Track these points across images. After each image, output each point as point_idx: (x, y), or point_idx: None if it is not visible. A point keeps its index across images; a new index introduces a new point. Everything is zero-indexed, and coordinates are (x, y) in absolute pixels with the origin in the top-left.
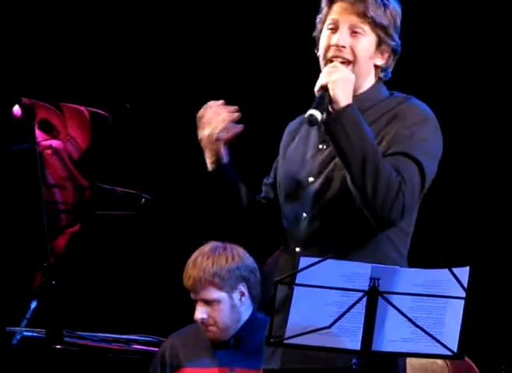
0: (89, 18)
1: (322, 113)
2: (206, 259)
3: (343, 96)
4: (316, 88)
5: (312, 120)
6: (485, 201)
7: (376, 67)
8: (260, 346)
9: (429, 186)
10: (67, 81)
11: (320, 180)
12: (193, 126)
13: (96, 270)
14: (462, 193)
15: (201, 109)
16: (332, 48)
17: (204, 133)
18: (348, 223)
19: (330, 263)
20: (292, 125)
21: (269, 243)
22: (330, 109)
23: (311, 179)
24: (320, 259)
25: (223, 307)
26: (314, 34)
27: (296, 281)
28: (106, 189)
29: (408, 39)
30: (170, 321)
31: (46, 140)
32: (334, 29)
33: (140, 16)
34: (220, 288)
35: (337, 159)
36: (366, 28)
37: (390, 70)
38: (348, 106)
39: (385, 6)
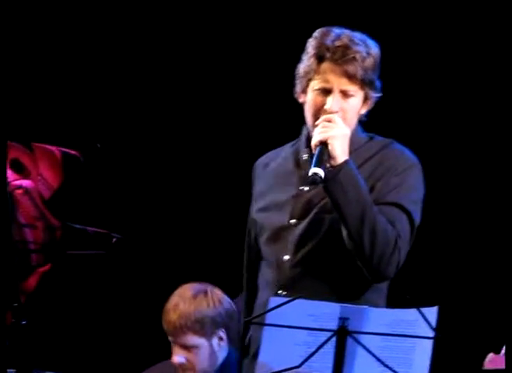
0: (57, 59)
1: (324, 170)
2: (188, 305)
3: (341, 152)
4: (314, 143)
5: (316, 179)
6: (451, 242)
7: (359, 115)
8: None
9: None
10: (38, 122)
11: (304, 223)
12: (162, 165)
13: (66, 310)
14: (429, 234)
15: None
16: (324, 111)
17: None
18: (333, 268)
19: (299, 303)
20: (261, 164)
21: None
22: (327, 165)
23: (294, 221)
24: (289, 299)
25: (202, 352)
26: (297, 86)
27: (266, 321)
28: (77, 229)
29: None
30: (140, 360)
31: (16, 180)
32: (325, 91)
33: (112, 61)
34: (201, 335)
35: (322, 203)
36: (356, 88)
37: None
38: (345, 162)
39: (369, 55)
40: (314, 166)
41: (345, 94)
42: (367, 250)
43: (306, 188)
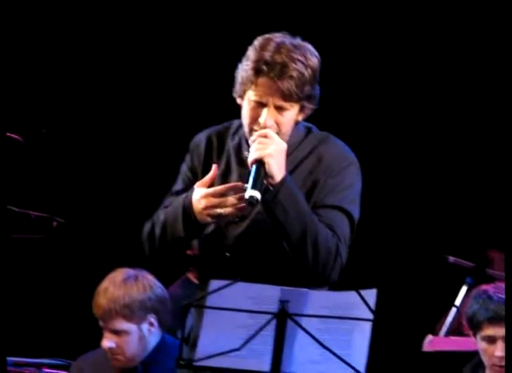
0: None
1: (260, 190)
2: (118, 290)
3: (279, 170)
4: (250, 160)
5: (253, 202)
6: (389, 227)
7: (297, 121)
8: (169, 371)
9: None
10: None
11: (246, 222)
12: (103, 150)
13: (6, 294)
14: (367, 218)
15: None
16: (258, 123)
17: (217, 210)
18: (274, 266)
19: (239, 285)
20: (201, 143)
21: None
22: (265, 182)
23: (235, 218)
24: (229, 282)
25: (131, 338)
26: (235, 87)
27: (207, 304)
28: (19, 213)
29: None
30: (79, 344)
31: None
32: (261, 104)
33: (53, 49)
34: (130, 320)
35: None
36: (292, 103)
37: None
38: (283, 180)
39: (307, 68)
40: (251, 188)
41: (280, 108)
42: (310, 262)
43: (248, 185)
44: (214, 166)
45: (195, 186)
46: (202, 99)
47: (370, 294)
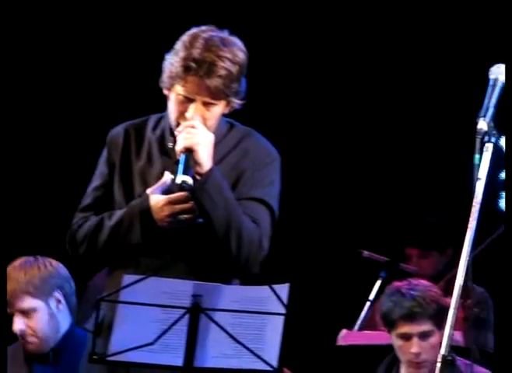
0: None
1: (191, 176)
2: (18, 271)
3: (207, 159)
4: (179, 149)
5: (184, 186)
6: (304, 220)
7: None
8: (80, 358)
9: None
10: None
11: None
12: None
13: None
14: (283, 213)
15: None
16: (185, 118)
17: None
18: (195, 259)
19: (152, 280)
20: (118, 136)
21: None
22: (193, 171)
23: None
24: (142, 276)
25: (41, 315)
26: (162, 78)
27: (119, 299)
28: None
29: None
30: None
31: None
32: (188, 99)
33: None
34: (35, 296)
35: None
36: (219, 100)
37: None
38: (211, 169)
39: (235, 64)
40: (182, 173)
41: (207, 104)
42: (234, 252)
43: (171, 176)
44: (166, 173)
45: (148, 192)
46: (118, 94)
47: (283, 289)
